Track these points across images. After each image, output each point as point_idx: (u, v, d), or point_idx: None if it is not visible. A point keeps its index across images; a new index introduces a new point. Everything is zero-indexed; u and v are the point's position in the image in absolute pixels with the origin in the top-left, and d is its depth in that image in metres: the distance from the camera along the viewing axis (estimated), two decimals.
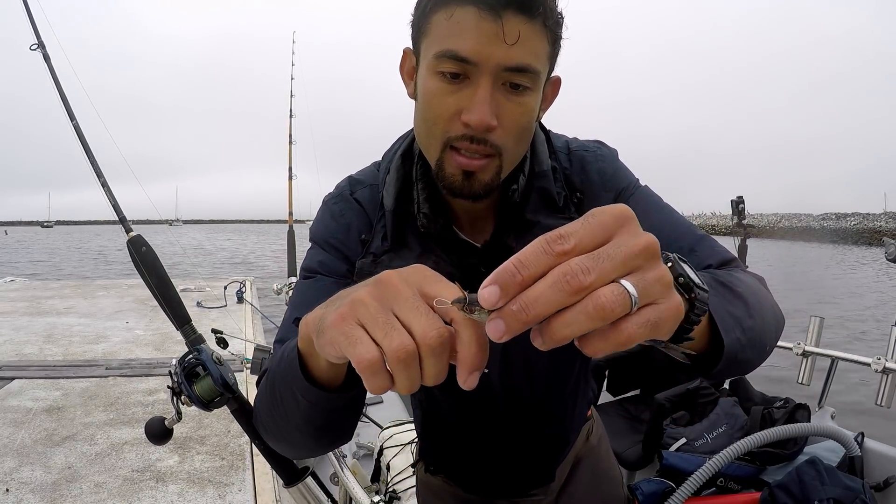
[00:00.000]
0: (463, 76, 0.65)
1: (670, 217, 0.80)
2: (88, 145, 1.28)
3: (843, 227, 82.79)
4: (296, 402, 0.59)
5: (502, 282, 0.33)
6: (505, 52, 0.63)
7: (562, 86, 0.77)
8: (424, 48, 0.69)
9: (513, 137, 0.68)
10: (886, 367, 1.72)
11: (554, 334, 0.34)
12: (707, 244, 0.76)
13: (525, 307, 0.33)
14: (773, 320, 0.65)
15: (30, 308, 7.22)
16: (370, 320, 0.40)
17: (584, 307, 0.33)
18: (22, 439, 3.00)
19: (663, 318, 0.36)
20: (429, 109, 0.68)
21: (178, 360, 1.06)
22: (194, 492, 2.48)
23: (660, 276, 0.36)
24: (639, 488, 1.55)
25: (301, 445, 0.71)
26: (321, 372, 0.55)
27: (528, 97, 0.67)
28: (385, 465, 2.09)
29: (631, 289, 0.34)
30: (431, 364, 0.39)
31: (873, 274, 22.05)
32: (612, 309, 0.33)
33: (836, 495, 1.38)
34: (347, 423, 0.67)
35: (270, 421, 0.68)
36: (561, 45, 0.70)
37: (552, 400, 0.93)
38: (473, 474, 1.01)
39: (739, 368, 0.61)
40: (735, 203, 3.03)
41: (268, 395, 0.66)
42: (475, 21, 0.62)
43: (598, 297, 0.33)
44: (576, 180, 0.81)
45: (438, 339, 0.38)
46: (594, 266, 0.33)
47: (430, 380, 0.40)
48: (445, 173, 0.70)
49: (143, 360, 4.67)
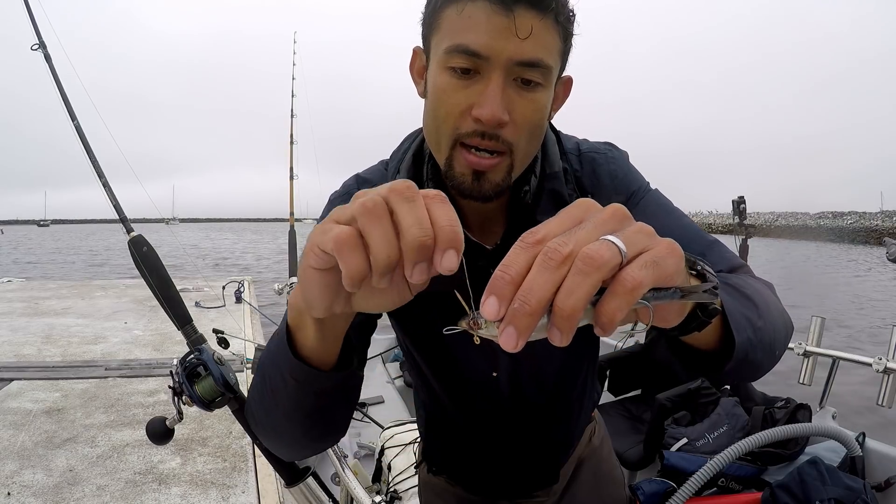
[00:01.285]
0: (474, 71, 0.64)
1: (680, 221, 0.79)
2: (90, 145, 1.27)
3: (840, 225, 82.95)
4: (284, 383, 0.58)
5: (496, 289, 0.34)
6: (516, 46, 0.62)
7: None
8: (435, 44, 0.68)
9: (524, 134, 0.67)
10: (888, 368, 1.72)
11: (563, 312, 0.33)
12: (717, 250, 0.75)
13: (524, 299, 0.33)
14: (781, 325, 0.65)
15: (27, 308, 7.20)
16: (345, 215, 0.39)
17: (575, 268, 0.33)
18: (22, 442, 2.99)
19: (661, 256, 0.36)
20: (439, 105, 0.67)
21: (180, 360, 1.05)
22: (197, 494, 2.48)
23: (639, 228, 0.37)
24: (640, 488, 1.55)
25: (291, 439, 0.69)
26: (311, 349, 0.54)
27: (540, 93, 0.66)
28: (386, 465, 2.09)
29: (613, 238, 0.35)
30: (407, 211, 0.37)
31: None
32: (601, 256, 0.33)
33: (837, 495, 1.38)
34: (339, 413, 0.65)
35: (261, 410, 0.67)
36: (573, 42, 0.69)
37: (560, 402, 0.93)
38: (477, 475, 1.01)
39: (750, 369, 0.61)
40: (736, 203, 3.04)
41: (258, 383, 0.65)
42: (486, 16, 0.62)
43: (584, 252, 0.33)
44: (586, 182, 0.80)
45: (409, 188, 0.38)
46: (569, 239, 0.34)
47: (412, 238, 0.37)
48: (455, 173, 0.68)
49: (142, 361, 4.65)
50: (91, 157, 1.27)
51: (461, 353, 0.86)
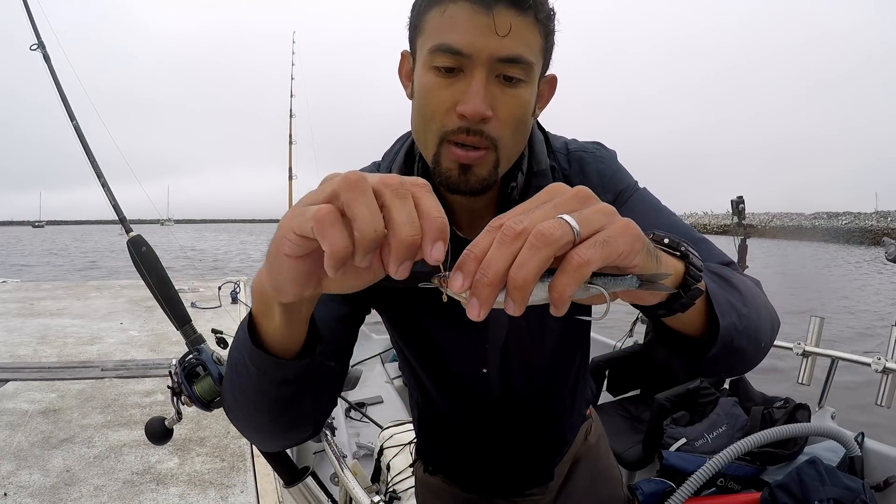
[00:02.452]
0: (457, 70, 0.66)
1: (669, 220, 0.80)
2: (89, 146, 1.27)
3: (835, 226, 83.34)
4: (247, 370, 0.58)
5: (462, 265, 0.37)
6: (497, 43, 0.64)
7: (558, 85, 0.77)
8: (420, 45, 0.70)
9: (508, 129, 0.69)
10: (886, 367, 1.73)
11: (515, 282, 0.35)
12: (705, 247, 0.76)
13: (483, 271, 0.36)
14: (767, 317, 0.66)
15: (23, 309, 7.17)
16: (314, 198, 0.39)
17: (528, 243, 0.36)
18: (19, 442, 2.98)
19: (612, 235, 0.38)
20: (425, 104, 0.69)
21: (179, 360, 1.05)
22: (195, 494, 2.47)
23: (600, 208, 0.39)
24: (639, 488, 1.55)
25: (260, 428, 0.69)
26: (275, 335, 0.54)
27: (523, 89, 0.68)
28: (385, 465, 2.09)
29: (567, 217, 0.37)
30: (399, 207, 0.37)
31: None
32: (552, 233, 0.36)
33: (836, 495, 1.39)
34: (306, 405, 0.65)
35: (231, 398, 0.67)
36: (554, 40, 0.71)
37: (551, 398, 0.94)
38: (472, 473, 1.01)
39: (735, 358, 0.62)
40: (735, 203, 3.05)
41: (228, 372, 0.66)
42: (468, 15, 0.64)
43: (537, 228, 0.36)
44: (574, 181, 0.81)
45: (402, 184, 0.39)
46: (525, 217, 0.37)
47: (404, 235, 0.37)
48: (442, 168, 0.70)
49: (138, 362, 4.64)
50: (90, 157, 1.26)
51: (451, 349, 0.86)
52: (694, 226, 0.83)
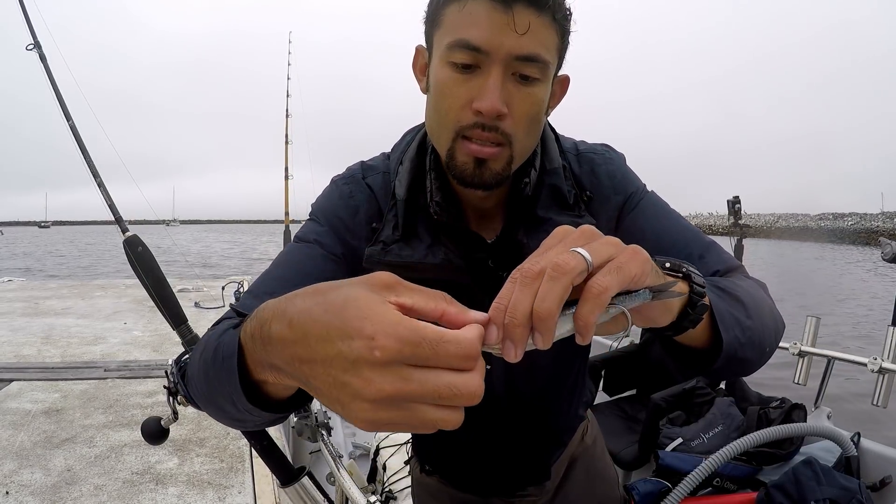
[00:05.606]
0: (474, 66, 0.67)
1: (678, 223, 0.81)
2: (85, 146, 1.28)
3: (840, 227, 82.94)
4: (233, 405, 0.52)
5: (493, 317, 0.39)
6: (515, 41, 0.65)
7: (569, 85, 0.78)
8: (437, 40, 0.71)
9: (523, 127, 0.70)
10: (883, 368, 1.72)
11: (539, 315, 0.38)
12: (715, 251, 0.77)
13: (511, 313, 0.38)
14: (771, 323, 0.67)
15: (27, 308, 7.19)
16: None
17: (546, 276, 0.38)
18: (21, 441, 2.99)
19: (624, 261, 0.41)
20: (441, 100, 0.70)
21: (175, 360, 1.06)
22: (194, 494, 2.48)
23: (606, 240, 0.43)
24: (635, 488, 1.55)
25: (214, 414, 0.63)
26: (268, 386, 0.49)
27: (538, 88, 0.69)
28: (381, 464, 2.09)
29: (579, 249, 0.40)
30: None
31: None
32: (567, 263, 0.39)
33: (832, 495, 1.38)
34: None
35: (202, 397, 0.61)
36: (569, 40, 0.72)
37: (551, 397, 0.94)
38: (468, 473, 1.01)
39: (740, 367, 0.63)
40: (731, 203, 3.05)
41: (196, 359, 0.60)
42: (487, 12, 0.65)
43: (553, 262, 0.39)
44: (585, 181, 0.82)
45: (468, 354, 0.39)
46: (540, 258, 0.40)
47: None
48: (457, 162, 0.71)
49: (141, 362, 4.65)
50: (86, 157, 1.27)
51: None
52: (699, 227, 0.84)
